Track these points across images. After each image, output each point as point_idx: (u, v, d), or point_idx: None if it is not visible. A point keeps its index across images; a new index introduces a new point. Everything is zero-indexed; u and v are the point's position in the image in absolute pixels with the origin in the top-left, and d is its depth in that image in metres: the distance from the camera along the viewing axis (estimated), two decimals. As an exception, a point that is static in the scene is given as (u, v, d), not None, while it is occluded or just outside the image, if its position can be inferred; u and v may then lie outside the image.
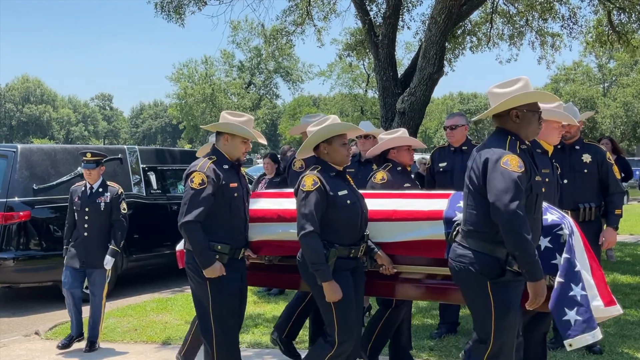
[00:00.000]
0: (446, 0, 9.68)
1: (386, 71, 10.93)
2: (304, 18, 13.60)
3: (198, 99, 46.22)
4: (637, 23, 11.46)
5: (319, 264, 3.68)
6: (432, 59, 9.74)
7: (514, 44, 13.69)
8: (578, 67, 45.31)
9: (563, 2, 12.38)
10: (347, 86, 47.12)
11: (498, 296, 3.27)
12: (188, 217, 3.84)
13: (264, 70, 49.42)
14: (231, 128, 4.07)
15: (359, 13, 11.67)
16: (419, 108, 9.80)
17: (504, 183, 3.13)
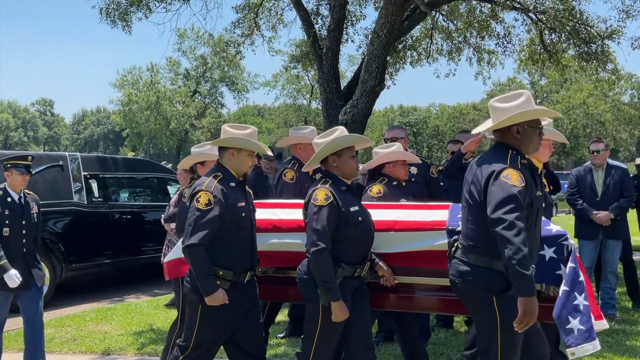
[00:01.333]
0: (388, 16, 9.83)
1: (329, 83, 10.99)
2: (252, 29, 13.55)
3: (142, 106, 45.34)
4: (566, 43, 11.86)
5: (330, 283, 3.48)
6: (374, 72, 9.85)
7: (452, 60, 13.97)
8: (512, 84, 46.60)
9: (499, 20, 12.71)
10: (292, 97, 47.20)
11: (504, 311, 3.19)
12: (192, 239, 3.54)
13: (209, 79, 48.91)
14: (238, 142, 3.78)
15: (304, 25, 11.71)
16: (361, 120, 9.89)
17: (502, 196, 3.06)
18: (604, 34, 11.38)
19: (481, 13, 12.67)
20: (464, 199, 3.39)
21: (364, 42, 13.45)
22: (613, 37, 11.33)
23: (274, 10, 13.78)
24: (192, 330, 3.69)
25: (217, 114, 52.72)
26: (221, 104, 51.58)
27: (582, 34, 11.32)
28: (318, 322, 3.59)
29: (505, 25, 12.82)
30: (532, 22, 11.90)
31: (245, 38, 13.83)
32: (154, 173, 9.47)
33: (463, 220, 3.40)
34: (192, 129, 47.18)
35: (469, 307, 3.38)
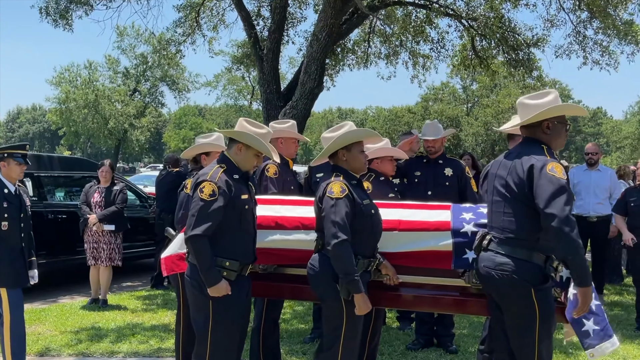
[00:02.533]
0: (327, 19, 9.86)
1: (270, 84, 10.95)
2: (194, 28, 13.34)
3: (80, 105, 43.95)
4: (496, 49, 12.19)
5: (353, 274, 3.38)
6: (313, 74, 9.86)
7: (390, 63, 14.13)
8: (445, 88, 47.63)
9: (433, 26, 12.94)
10: (233, 97, 46.81)
11: (542, 302, 3.19)
12: (196, 230, 3.41)
13: (149, 77, 47.85)
14: (249, 139, 3.65)
15: (245, 26, 11.62)
16: (300, 121, 9.87)
17: (552, 189, 3.03)
18: (530, 41, 11.76)
19: (417, 18, 12.87)
20: (497, 193, 3.34)
21: (304, 44, 13.45)
22: (538, 45, 11.73)
23: (216, 11, 13.62)
24: (206, 333, 3.52)
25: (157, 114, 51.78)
26: (161, 104, 50.62)
27: (511, 41, 11.67)
28: (343, 318, 3.47)
29: (439, 30, 13.08)
30: (464, 28, 12.18)
31: (187, 37, 13.61)
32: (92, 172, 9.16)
33: (496, 213, 3.34)
34: (131, 128, 46.07)
35: (503, 299, 3.29)
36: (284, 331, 5.85)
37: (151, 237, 9.28)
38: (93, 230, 7.46)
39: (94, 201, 7.57)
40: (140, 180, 16.21)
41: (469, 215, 3.74)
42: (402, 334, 5.96)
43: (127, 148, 50.08)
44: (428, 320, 5.59)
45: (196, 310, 3.59)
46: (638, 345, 5.74)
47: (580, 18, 11.42)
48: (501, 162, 3.41)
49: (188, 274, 3.61)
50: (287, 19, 12.72)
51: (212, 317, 3.49)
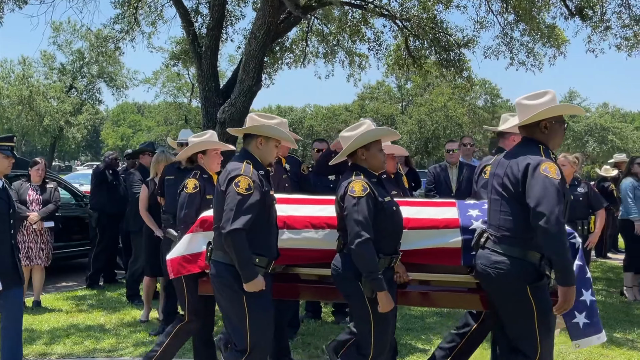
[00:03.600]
0: (265, 17, 9.75)
1: (208, 82, 10.75)
2: (132, 25, 12.95)
3: (14, 101, 42.09)
4: (428, 50, 12.36)
5: (375, 273, 3.33)
6: (251, 72, 9.74)
7: (327, 62, 14.12)
8: (381, 87, 48.14)
9: (369, 26, 13.00)
10: (172, 94, 45.84)
11: (538, 299, 3.20)
12: (236, 224, 3.29)
13: (86, 74, 46.25)
14: (269, 131, 3.58)
15: (183, 23, 11.35)
16: (239, 118, 9.73)
17: (544, 189, 3.04)
18: (460, 42, 11.97)
19: (353, 18, 12.90)
20: (494, 192, 3.34)
21: (243, 42, 13.28)
22: (469, 46, 11.96)
23: (154, 7, 13.26)
24: (244, 328, 3.42)
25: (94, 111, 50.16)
26: (99, 101, 49.01)
27: (442, 42, 11.85)
28: (370, 316, 3.44)
29: (374, 30, 13.16)
30: (398, 28, 12.28)
31: (125, 34, 13.21)
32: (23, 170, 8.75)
33: (493, 212, 3.35)
34: (67, 125, 44.41)
35: (500, 296, 3.30)
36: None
37: (86, 237, 8.97)
38: (30, 229, 7.12)
39: (29, 199, 7.25)
40: (76, 178, 15.67)
41: (475, 212, 3.76)
42: (338, 327, 5.94)
43: (63, 146, 48.34)
44: None
45: (230, 307, 3.49)
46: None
47: (508, 20, 11.71)
48: (500, 161, 3.42)
49: (214, 272, 3.50)
50: (225, 17, 12.52)
51: (248, 310, 3.40)
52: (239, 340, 3.46)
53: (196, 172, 4.32)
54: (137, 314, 6.72)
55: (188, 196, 4.15)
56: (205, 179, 4.28)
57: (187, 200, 4.16)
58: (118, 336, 5.87)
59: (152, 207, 6.28)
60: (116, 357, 5.12)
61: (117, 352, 5.35)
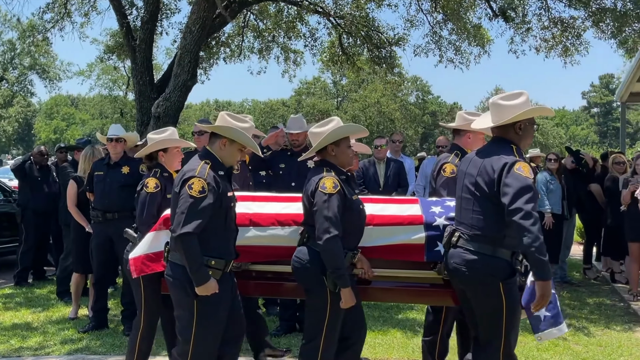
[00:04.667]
0: (200, 12, 9.56)
1: (143, 75, 10.45)
2: (63, 15, 12.42)
3: (-61, 93, 39.80)
4: (361, 47, 12.42)
5: (342, 269, 3.34)
6: (186, 66, 9.52)
7: (263, 57, 13.97)
8: (317, 82, 48.27)
9: (304, 22, 12.95)
10: (107, 87, 44.39)
11: (509, 296, 3.23)
12: (186, 228, 3.19)
13: (17, 65, 44.19)
14: (234, 134, 3.43)
15: (117, 15, 10.97)
16: (174, 113, 9.52)
17: (519, 186, 3.06)
18: (392, 40, 12.09)
19: (288, 14, 12.81)
20: (466, 191, 3.33)
21: (178, 36, 12.97)
22: (399, 44, 12.09)
23: (87, -3, 12.73)
24: (189, 331, 3.36)
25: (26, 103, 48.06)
26: (31, 93, 46.89)
27: (375, 40, 11.93)
28: (326, 309, 3.43)
29: (309, 27, 13.11)
30: (332, 25, 12.28)
31: (55, 24, 12.65)
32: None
33: (465, 210, 3.34)
34: (-3, 118, 42.38)
35: (474, 294, 3.32)
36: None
37: (16, 233, 8.55)
38: None
39: None
40: (6, 173, 14.92)
41: (437, 208, 3.76)
42: (269, 320, 5.85)
43: (-7, 139, 46.07)
44: (291, 306, 5.56)
45: (180, 309, 3.42)
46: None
47: (437, 20, 11.88)
48: (472, 160, 3.41)
49: (170, 273, 3.41)
50: (160, 10, 12.19)
51: (196, 315, 3.33)
52: (184, 341, 3.41)
53: (156, 170, 4.16)
54: (66, 312, 6.46)
55: (149, 195, 4.01)
56: (166, 177, 4.13)
57: (148, 200, 4.02)
58: (45, 334, 5.64)
59: (83, 203, 6.04)
60: (43, 355, 4.90)
61: (44, 350, 5.13)
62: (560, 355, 4.90)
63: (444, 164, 4.17)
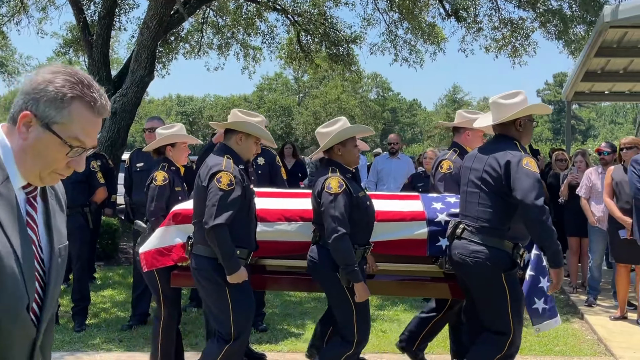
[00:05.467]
0: (158, 8, 9.44)
1: (100, 71, 10.28)
2: (19, 8, 12.11)
3: None
4: (319, 44, 12.47)
5: (353, 265, 3.38)
6: (143, 62, 9.40)
7: (222, 54, 13.89)
8: (279, 78, 48.10)
9: (263, 19, 12.92)
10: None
11: (512, 286, 3.30)
12: (219, 219, 3.28)
13: (-27, 59, 42.79)
14: (250, 128, 3.52)
15: (74, 10, 10.76)
16: (130, 109, 9.40)
17: (529, 182, 3.13)
18: (349, 38, 12.17)
19: (247, 11, 12.76)
20: (472, 185, 3.40)
21: (137, 31, 12.76)
22: (356, 42, 12.18)
23: (45, -9, 12.45)
24: (228, 318, 3.42)
25: (-18, 98, 46.57)
26: (-12, 87, 45.53)
27: (332, 37, 11.99)
28: (351, 305, 3.47)
29: (268, 24, 13.09)
30: (290, 23, 12.29)
31: (10, 17, 12.34)
32: None
33: (470, 204, 3.40)
34: (-48, 112, 40.96)
35: (476, 283, 3.37)
36: (103, 320, 5.53)
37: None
38: None
39: None
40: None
41: (439, 205, 3.82)
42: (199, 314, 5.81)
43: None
44: None
45: (211, 300, 3.49)
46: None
47: (393, 19, 12.02)
48: (476, 156, 3.47)
49: (197, 266, 3.46)
50: (119, 5, 12.01)
51: (231, 302, 3.41)
52: (223, 330, 3.47)
53: (164, 164, 4.19)
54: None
55: (158, 188, 4.04)
56: (173, 171, 4.19)
57: (157, 193, 4.05)
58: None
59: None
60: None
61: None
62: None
63: (441, 160, 4.25)
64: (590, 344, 5.01)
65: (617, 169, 5.56)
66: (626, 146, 5.59)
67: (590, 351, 4.86)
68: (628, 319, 5.54)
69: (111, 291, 6.57)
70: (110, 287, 6.74)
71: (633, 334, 5.12)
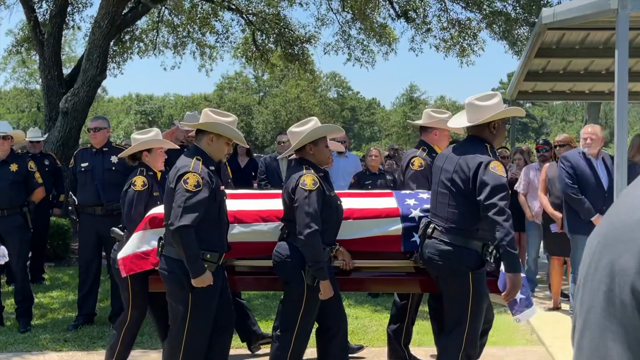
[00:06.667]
0: (109, 7, 9.32)
1: (51, 70, 10.10)
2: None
3: None
4: (274, 44, 12.47)
5: (322, 262, 3.40)
6: (95, 61, 9.28)
7: (177, 53, 13.76)
8: (239, 77, 47.77)
9: (218, 19, 12.84)
10: (24, 81, 42.15)
11: (477, 285, 3.35)
12: (184, 220, 3.21)
13: None
14: (221, 129, 3.45)
15: (25, 8, 10.51)
16: (82, 108, 9.26)
17: (494, 184, 3.17)
18: (303, 38, 12.20)
19: (203, 10, 12.67)
20: (442, 186, 3.43)
21: (90, 30, 12.54)
22: (311, 42, 12.23)
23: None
24: (183, 322, 3.38)
25: None
26: (-60, 86, 43.93)
27: (287, 37, 12.00)
28: (302, 302, 3.49)
29: (224, 23, 13.02)
30: (245, 22, 12.26)
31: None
32: None
33: (440, 204, 3.44)
34: None
35: (445, 282, 3.44)
36: (50, 320, 5.43)
37: None
38: None
39: None
40: None
41: (412, 201, 3.85)
42: None
43: None
44: None
45: (174, 301, 3.43)
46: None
47: (346, 19, 12.11)
48: (448, 157, 3.49)
49: (165, 267, 3.40)
50: (71, 4, 11.78)
51: (191, 307, 3.36)
52: (177, 333, 3.44)
53: (142, 169, 4.13)
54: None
55: (137, 193, 3.95)
56: (151, 176, 4.12)
57: (136, 198, 3.97)
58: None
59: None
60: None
61: None
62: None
63: (412, 157, 4.27)
64: (523, 334, 5.16)
65: (552, 165, 5.74)
66: (559, 144, 5.79)
67: (522, 340, 5.01)
68: (561, 309, 5.72)
69: (60, 292, 6.46)
70: (59, 287, 6.63)
71: (564, 324, 5.29)
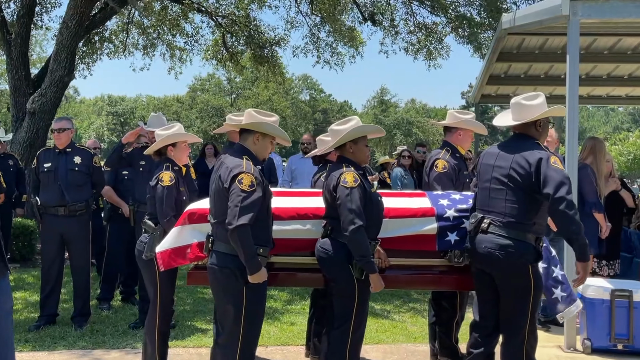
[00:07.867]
0: (77, 7, 9.21)
1: (18, 70, 9.93)
2: None
3: None
4: (244, 46, 12.43)
5: (368, 256, 3.44)
6: (63, 62, 9.15)
7: (147, 54, 13.62)
8: (212, 79, 47.46)
9: (188, 21, 12.75)
10: (-6, 81, 41.24)
11: (536, 277, 3.41)
12: (242, 220, 3.23)
13: None
14: (267, 128, 3.49)
15: (-9, 8, 10.30)
16: (50, 109, 9.12)
17: (560, 179, 3.22)
18: (273, 40, 12.19)
19: (172, 12, 12.56)
20: (496, 182, 3.48)
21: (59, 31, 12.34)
22: (280, 44, 12.22)
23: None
24: (238, 316, 3.38)
25: None
26: None
27: (256, 40, 11.98)
28: (354, 296, 3.53)
29: (194, 25, 12.94)
30: (215, 25, 12.19)
31: None
32: None
33: (495, 200, 3.48)
34: None
35: (504, 275, 3.44)
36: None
37: None
38: None
39: None
40: None
41: (445, 201, 3.90)
42: (130, 314, 5.71)
43: None
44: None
45: (226, 297, 3.43)
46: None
47: (315, 22, 12.14)
48: (499, 154, 3.54)
49: (216, 262, 3.42)
50: (40, 4, 11.58)
51: (246, 302, 3.38)
52: (232, 330, 3.42)
53: (167, 164, 4.12)
54: None
55: (166, 189, 3.97)
56: (177, 171, 4.12)
57: (165, 193, 3.98)
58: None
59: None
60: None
61: None
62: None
63: (436, 159, 4.30)
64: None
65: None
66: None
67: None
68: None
69: (23, 292, 6.36)
70: (22, 288, 6.54)
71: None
